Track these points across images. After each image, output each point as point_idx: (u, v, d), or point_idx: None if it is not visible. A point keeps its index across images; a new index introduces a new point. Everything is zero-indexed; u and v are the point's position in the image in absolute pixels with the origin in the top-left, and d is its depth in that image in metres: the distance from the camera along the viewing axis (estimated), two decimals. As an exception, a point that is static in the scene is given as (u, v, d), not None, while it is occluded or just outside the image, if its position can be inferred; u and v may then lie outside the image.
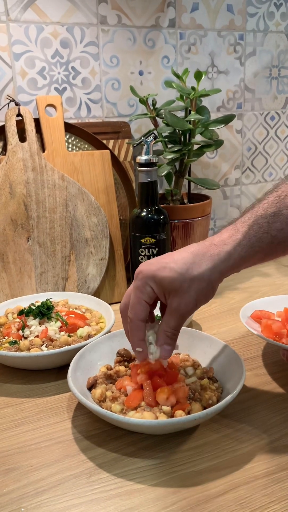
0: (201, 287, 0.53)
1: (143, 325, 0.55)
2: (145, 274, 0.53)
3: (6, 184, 0.86)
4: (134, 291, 0.54)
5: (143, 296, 0.54)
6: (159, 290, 0.53)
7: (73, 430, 0.57)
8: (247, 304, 0.78)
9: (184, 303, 0.53)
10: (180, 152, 0.93)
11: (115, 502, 0.47)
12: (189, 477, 0.50)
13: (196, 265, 0.52)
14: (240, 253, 0.54)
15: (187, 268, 0.52)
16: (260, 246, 0.54)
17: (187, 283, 0.52)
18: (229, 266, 0.54)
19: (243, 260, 0.54)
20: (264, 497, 0.47)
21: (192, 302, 0.53)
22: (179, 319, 0.54)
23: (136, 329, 0.55)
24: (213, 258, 0.53)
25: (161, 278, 0.52)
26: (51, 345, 0.70)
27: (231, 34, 1.13)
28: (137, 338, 0.55)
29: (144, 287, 0.53)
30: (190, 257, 0.53)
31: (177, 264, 0.52)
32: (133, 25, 1.02)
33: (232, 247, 0.54)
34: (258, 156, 1.27)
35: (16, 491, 0.48)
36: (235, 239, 0.54)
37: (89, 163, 0.94)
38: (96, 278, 0.92)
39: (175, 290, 0.52)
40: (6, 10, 0.90)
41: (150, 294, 0.54)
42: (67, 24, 0.96)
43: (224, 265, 0.53)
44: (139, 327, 0.55)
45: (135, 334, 0.55)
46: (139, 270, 0.54)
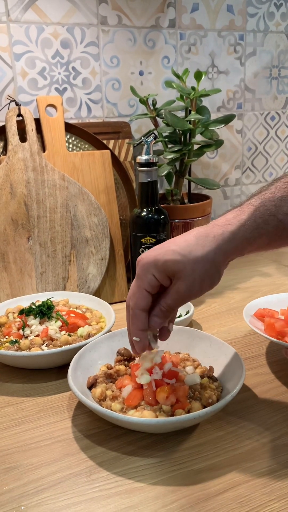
0: (205, 268, 0.50)
1: (143, 314, 0.53)
2: (145, 261, 0.52)
3: (6, 184, 0.86)
4: (135, 280, 0.53)
5: (143, 284, 0.52)
6: (162, 275, 0.51)
7: (73, 429, 0.58)
8: (251, 302, 0.78)
9: (187, 285, 0.50)
10: (180, 152, 0.93)
11: (115, 500, 0.47)
12: (189, 475, 0.50)
13: (199, 246, 0.51)
14: (244, 233, 0.52)
15: (190, 250, 0.50)
16: (265, 229, 0.52)
17: (190, 265, 0.50)
18: (234, 247, 0.51)
19: (247, 241, 0.52)
20: (263, 496, 0.47)
21: (197, 285, 0.51)
22: (177, 300, 0.52)
23: (135, 318, 0.53)
24: (216, 238, 0.51)
25: (164, 262, 0.51)
26: (51, 344, 0.70)
27: (231, 34, 1.13)
28: (136, 328, 0.53)
29: (145, 275, 0.52)
30: (193, 239, 0.51)
31: (180, 247, 0.51)
32: (133, 25, 1.02)
33: (237, 227, 0.51)
34: (259, 156, 1.27)
35: (16, 489, 0.49)
36: (240, 219, 0.52)
37: (89, 163, 0.94)
38: (97, 278, 0.92)
39: (179, 272, 0.50)
40: (7, 11, 0.91)
41: (151, 282, 0.52)
42: (68, 25, 0.96)
43: (228, 245, 0.51)
44: (138, 316, 0.53)
45: (134, 323, 0.53)
46: (139, 258, 0.53)
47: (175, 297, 0.52)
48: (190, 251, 0.50)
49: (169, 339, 0.70)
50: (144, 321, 0.53)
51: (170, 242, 0.52)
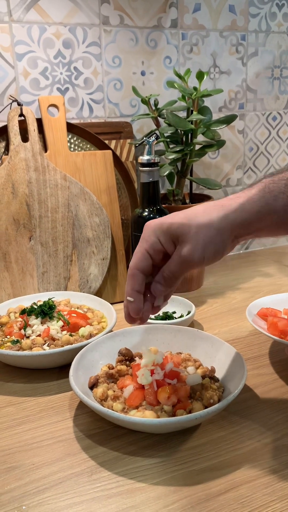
0: (210, 233, 0.50)
1: (140, 275, 0.53)
2: (151, 224, 0.52)
3: (8, 184, 0.86)
4: (139, 242, 0.53)
5: (145, 245, 0.52)
6: (166, 237, 0.51)
7: (74, 429, 0.58)
8: (254, 302, 0.78)
9: (189, 248, 0.50)
10: (182, 152, 0.93)
11: (116, 500, 0.47)
12: (190, 476, 0.50)
13: (206, 213, 0.51)
14: (252, 206, 0.50)
15: (195, 216, 0.50)
16: (274, 206, 0.51)
17: (194, 228, 0.50)
18: (240, 218, 0.50)
19: (255, 216, 0.50)
20: (265, 496, 0.47)
21: (200, 249, 0.50)
22: (181, 264, 0.51)
23: (131, 277, 0.53)
24: (224, 207, 0.51)
25: (169, 224, 0.51)
26: (53, 344, 0.70)
27: (233, 34, 1.13)
28: (131, 287, 0.53)
29: (148, 237, 0.52)
30: (201, 208, 0.52)
31: (186, 213, 0.51)
32: (135, 25, 1.02)
33: (245, 199, 0.51)
34: (260, 157, 1.27)
35: (18, 489, 0.49)
36: (249, 193, 0.52)
37: (91, 163, 0.94)
38: (98, 277, 0.92)
39: (182, 235, 0.50)
40: (9, 11, 0.91)
41: (154, 245, 0.52)
42: (70, 25, 0.96)
43: (234, 215, 0.50)
44: (135, 275, 0.53)
45: (130, 282, 0.53)
46: (147, 223, 0.53)
47: (177, 261, 0.52)
48: (196, 216, 0.51)
49: (171, 339, 0.70)
50: (141, 282, 0.53)
51: (178, 212, 0.53)
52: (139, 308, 0.54)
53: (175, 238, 0.51)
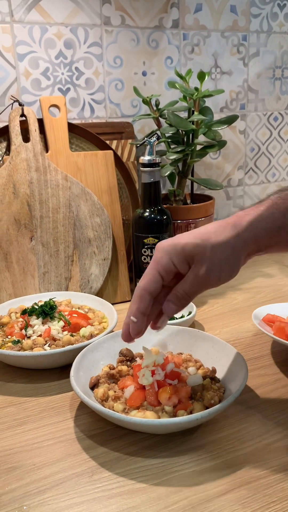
0: (225, 254, 0.50)
1: (148, 297, 0.52)
2: (164, 244, 0.52)
3: (9, 184, 0.86)
4: (150, 263, 0.53)
5: (157, 266, 0.52)
6: (180, 259, 0.51)
7: (75, 429, 0.58)
8: (260, 308, 0.78)
9: (207, 268, 0.50)
10: (183, 153, 0.93)
11: (117, 501, 0.47)
12: (191, 476, 0.50)
13: (218, 233, 0.51)
14: (262, 224, 0.51)
15: (209, 237, 0.51)
16: (283, 222, 0.52)
17: (209, 249, 0.50)
18: (252, 236, 0.51)
19: (265, 232, 0.52)
20: (265, 497, 0.47)
21: (216, 270, 0.50)
22: (195, 285, 0.51)
23: (139, 298, 0.52)
24: (235, 226, 0.51)
25: (183, 245, 0.51)
26: (54, 344, 0.70)
27: (234, 34, 1.13)
28: (137, 308, 0.52)
29: (161, 258, 0.51)
30: (213, 227, 0.52)
31: (199, 233, 0.51)
32: (136, 26, 1.02)
33: (254, 217, 0.52)
34: (261, 157, 1.27)
35: (18, 489, 0.49)
36: (258, 210, 0.52)
37: (92, 163, 0.94)
38: (99, 278, 0.92)
39: (198, 255, 0.50)
40: (11, 11, 0.91)
41: (166, 266, 0.51)
42: (71, 25, 0.96)
43: (247, 234, 0.51)
44: (143, 297, 0.52)
45: (137, 302, 0.52)
46: (158, 244, 0.53)
47: (192, 282, 0.51)
48: (209, 237, 0.51)
49: (172, 340, 0.70)
50: (148, 305, 0.53)
51: (190, 232, 0.53)
52: (140, 329, 0.54)
53: (190, 258, 0.51)
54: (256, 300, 0.94)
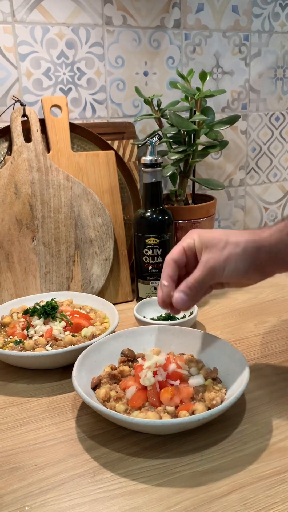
0: (235, 251, 0.56)
1: (174, 265, 0.60)
2: (193, 231, 0.61)
3: (11, 184, 0.86)
4: (179, 243, 0.61)
5: (183, 243, 0.60)
6: (199, 244, 0.58)
7: (77, 430, 0.58)
8: None
9: (214, 258, 0.56)
10: (184, 153, 0.93)
11: (119, 501, 0.47)
12: (193, 477, 0.50)
13: (235, 234, 0.58)
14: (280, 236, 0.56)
15: (229, 235, 0.57)
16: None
17: (223, 243, 0.56)
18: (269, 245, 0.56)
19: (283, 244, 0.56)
20: (268, 498, 0.47)
21: (222, 261, 0.56)
22: (205, 272, 0.56)
23: (168, 265, 0.60)
24: (254, 234, 0.57)
25: (204, 233, 0.59)
26: (55, 344, 0.70)
27: (236, 34, 1.13)
28: (166, 274, 0.60)
29: (187, 238, 0.60)
30: (236, 231, 0.59)
31: (222, 231, 0.59)
32: (138, 25, 1.02)
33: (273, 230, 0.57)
34: (263, 157, 1.27)
35: (20, 489, 0.49)
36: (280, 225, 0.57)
37: (93, 163, 0.94)
38: (101, 278, 0.92)
39: (212, 246, 0.57)
40: (12, 11, 0.91)
41: (190, 245, 0.59)
42: (73, 25, 0.96)
43: (263, 242, 0.56)
44: (170, 264, 0.60)
45: (166, 269, 0.60)
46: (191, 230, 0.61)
47: (201, 268, 0.57)
48: (229, 235, 0.57)
49: (173, 340, 0.70)
50: (175, 271, 0.60)
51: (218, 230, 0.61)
52: (170, 293, 0.59)
53: (204, 246, 0.58)
54: (258, 301, 0.94)
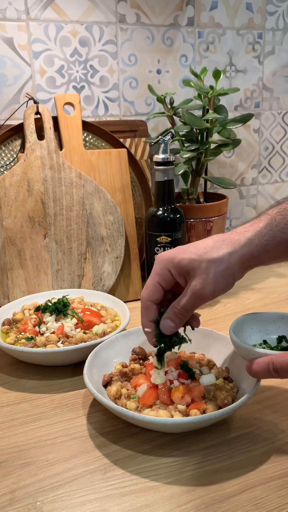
0: (220, 269, 0.52)
1: (153, 306, 0.56)
2: (164, 257, 0.55)
3: (24, 181, 0.86)
4: (151, 274, 0.56)
5: (158, 278, 0.55)
6: (177, 272, 0.54)
7: (88, 427, 0.58)
8: None
9: (200, 283, 0.52)
10: (197, 151, 0.93)
11: (130, 498, 0.47)
12: (204, 476, 0.50)
13: (215, 249, 0.53)
14: (261, 240, 0.54)
15: (206, 252, 0.53)
16: (282, 237, 0.54)
17: (205, 263, 0.52)
18: (249, 252, 0.53)
19: (264, 248, 0.54)
20: (279, 498, 0.46)
21: (210, 284, 0.52)
22: (192, 299, 0.53)
23: (145, 309, 0.56)
24: (233, 243, 0.54)
25: (180, 259, 0.53)
26: (67, 341, 0.71)
27: (250, 32, 1.12)
28: (146, 319, 0.56)
29: (161, 270, 0.55)
30: (211, 243, 0.54)
31: (197, 248, 0.54)
32: (151, 23, 1.02)
33: (253, 234, 0.54)
34: (275, 156, 1.26)
35: (32, 485, 0.49)
36: (257, 226, 0.55)
37: (106, 161, 0.94)
38: (112, 276, 0.92)
39: (193, 270, 0.53)
40: (26, 9, 0.91)
41: (166, 278, 0.55)
42: (86, 23, 0.96)
43: (244, 250, 0.53)
44: (149, 307, 0.56)
45: (144, 314, 0.56)
46: (158, 256, 0.56)
47: (188, 296, 0.54)
48: (206, 252, 0.53)
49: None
50: (155, 313, 0.56)
51: (190, 245, 0.55)
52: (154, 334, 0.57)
53: (185, 272, 0.54)
54: (269, 300, 0.94)
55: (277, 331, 0.61)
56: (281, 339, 0.60)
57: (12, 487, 0.49)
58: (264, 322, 0.62)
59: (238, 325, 0.60)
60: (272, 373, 0.48)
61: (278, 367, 0.48)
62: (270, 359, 0.48)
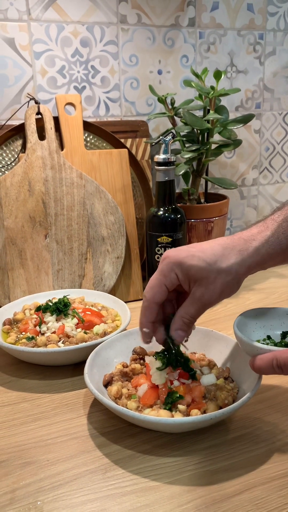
0: (227, 279, 0.53)
1: (156, 308, 0.55)
2: (172, 259, 0.54)
3: (25, 181, 0.87)
4: (157, 274, 0.55)
5: (165, 280, 0.54)
6: (184, 277, 0.53)
7: (89, 426, 0.58)
8: None
9: (208, 293, 0.53)
10: (198, 152, 0.93)
11: (131, 498, 0.47)
12: (205, 476, 0.50)
13: (225, 257, 0.53)
14: (268, 249, 0.54)
15: (216, 260, 0.53)
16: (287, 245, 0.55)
17: (214, 274, 0.52)
18: (256, 261, 0.54)
19: (270, 257, 0.55)
20: (280, 498, 0.46)
21: (217, 293, 0.53)
22: (200, 308, 0.54)
23: (148, 310, 0.55)
24: (241, 252, 0.54)
25: (189, 266, 0.53)
26: (67, 341, 0.71)
27: (251, 33, 1.13)
28: (146, 320, 0.56)
29: (168, 272, 0.54)
30: (220, 249, 0.54)
31: (206, 254, 0.53)
32: (152, 24, 1.02)
33: (261, 243, 0.54)
34: (276, 156, 1.26)
35: (33, 484, 0.49)
36: (264, 235, 0.55)
37: (107, 161, 0.94)
38: (112, 276, 0.92)
39: (201, 279, 0.53)
40: (28, 9, 0.91)
41: (173, 280, 0.54)
42: (87, 23, 0.96)
43: (251, 260, 0.54)
44: (152, 309, 0.55)
45: (146, 314, 0.56)
46: (166, 255, 0.55)
47: (197, 305, 0.54)
48: (215, 261, 0.53)
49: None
50: (156, 315, 0.56)
51: (197, 248, 0.54)
52: (152, 335, 0.58)
53: (192, 280, 0.53)
54: (270, 301, 0.94)
55: (281, 327, 0.61)
56: (285, 335, 0.60)
57: (13, 487, 0.49)
58: (268, 317, 0.62)
59: (242, 321, 0.60)
60: (276, 369, 0.48)
61: (282, 364, 0.48)
62: (274, 355, 0.48)
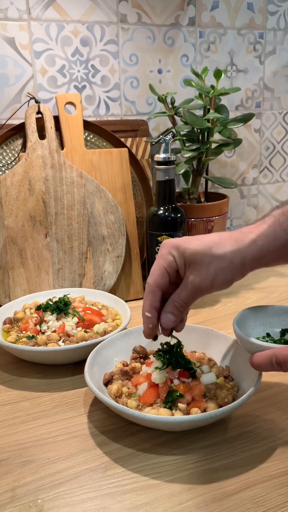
0: (221, 265, 0.53)
1: (158, 291, 0.56)
2: (170, 243, 0.55)
3: (25, 181, 0.87)
4: (157, 259, 0.56)
5: (164, 263, 0.55)
6: (180, 260, 0.54)
7: (89, 425, 0.58)
8: None
9: (200, 277, 0.53)
10: (198, 151, 0.93)
11: (131, 496, 0.47)
12: (205, 474, 0.50)
13: (220, 245, 0.54)
14: (264, 242, 0.54)
15: (211, 246, 0.54)
16: (285, 238, 0.54)
17: (208, 258, 0.53)
18: (252, 254, 0.54)
19: (266, 250, 0.54)
20: (279, 496, 0.47)
21: (209, 279, 0.54)
22: (191, 292, 0.54)
23: (150, 293, 0.56)
24: (238, 242, 0.54)
25: (185, 248, 0.54)
26: (68, 340, 0.71)
27: (251, 32, 1.13)
28: (149, 303, 0.56)
29: (166, 255, 0.55)
30: (216, 238, 0.55)
31: (202, 241, 0.55)
32: (153, 23, 1.02)
33: (256, 235, 0.54)
34: (276, 156, 1.26)
35: (33, 482, 0.49)
36: (261, 228, 0.55)
37: (107, 161, 0.94)
38: (112, 275, 0.92)
39: (195, 263, 0.54)
40: (28, 9, 0.91)
41: (172, 263, 0.55)
42: (88, 23, 0.97)
43: (247, 251, 0.54)
44: (154, 292, 0.56)
45: (148, 298, 0.56)
46: (164, 241, 0.56)
47: (189, 289, 0.54)
48: (211, 247, 0.54)
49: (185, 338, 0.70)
50: (159, 299, 0.56)
51: (195, 237, 0.56)
52: (154, 324, 0.57)
53: (187, 263, 0.54)
54: (270, 300, 0.94)
55: (280, 325, 0.62)
56: (284, 332, 0.60)
57: (13, 485, 0.49)
58: (268, 315, 0.62)
59: (241, 318, 0.60)
60: (275, 366, 0.49)
61: (281, 361, 0.48)
62: (273, 352, 0.49)
